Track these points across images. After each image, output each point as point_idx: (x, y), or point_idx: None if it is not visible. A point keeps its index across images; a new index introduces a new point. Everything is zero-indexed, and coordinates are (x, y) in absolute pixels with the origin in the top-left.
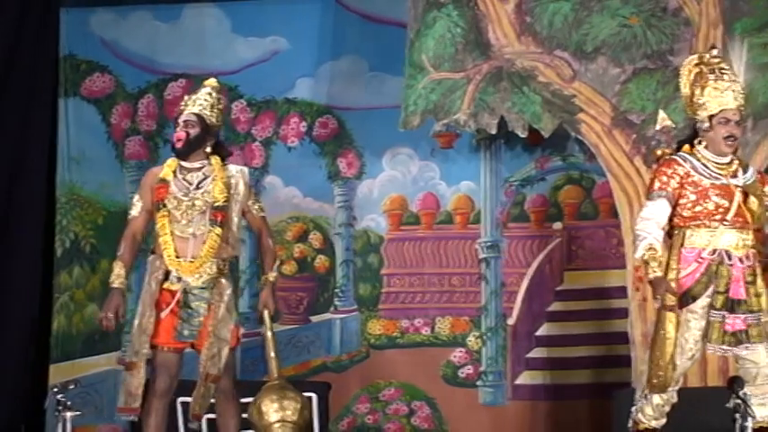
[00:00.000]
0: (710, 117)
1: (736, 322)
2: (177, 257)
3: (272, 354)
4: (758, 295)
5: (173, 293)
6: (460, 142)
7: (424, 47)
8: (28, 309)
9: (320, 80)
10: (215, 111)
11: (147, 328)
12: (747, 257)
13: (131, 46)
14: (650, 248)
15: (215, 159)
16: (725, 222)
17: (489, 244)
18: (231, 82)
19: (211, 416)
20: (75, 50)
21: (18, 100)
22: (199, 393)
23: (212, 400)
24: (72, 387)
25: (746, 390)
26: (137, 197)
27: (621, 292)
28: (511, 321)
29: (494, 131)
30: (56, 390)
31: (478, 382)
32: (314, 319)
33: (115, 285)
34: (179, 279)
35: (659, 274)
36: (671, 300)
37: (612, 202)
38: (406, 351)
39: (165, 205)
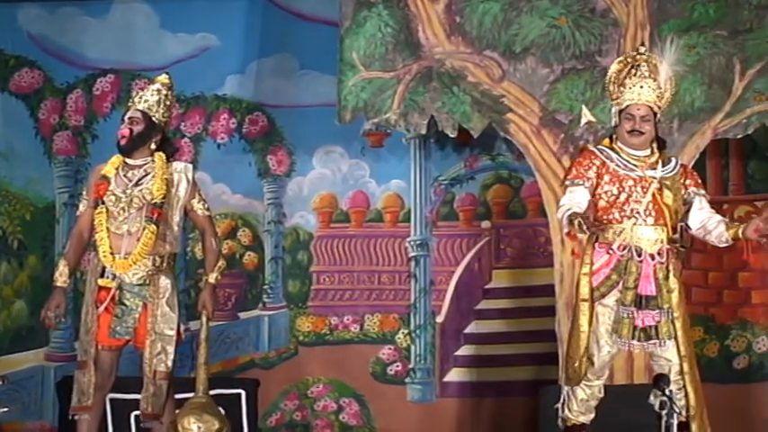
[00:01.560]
0: (620, 111)
1: (645, 318)
2: (112, 254)
3: (202, 360)
4: (670, 291)
5: (108, 290)
6: (391, 141)
7: (355, 45)
8: None
9: (250, 77)
10: (161, 107)
11: (92, 326)
12: (660, 254)
13: (60, 41)
14: (571, 212)
15: (159, 156)
16: (637, 215)
17: (419, 242)
18: None
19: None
20: (3, 45)
21: None
22: (149, 392)
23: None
24: (0, 383)
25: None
26: (84, 193)
27: (549, 290)
28: (440, 319)
29: (424, 131)
30: None
31: (407, 379)
32: (242, 315)
33: (58, 284)
34: (114, 276)
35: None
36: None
37: (541, 201)
38: (335, 348)
39: (103, 202)
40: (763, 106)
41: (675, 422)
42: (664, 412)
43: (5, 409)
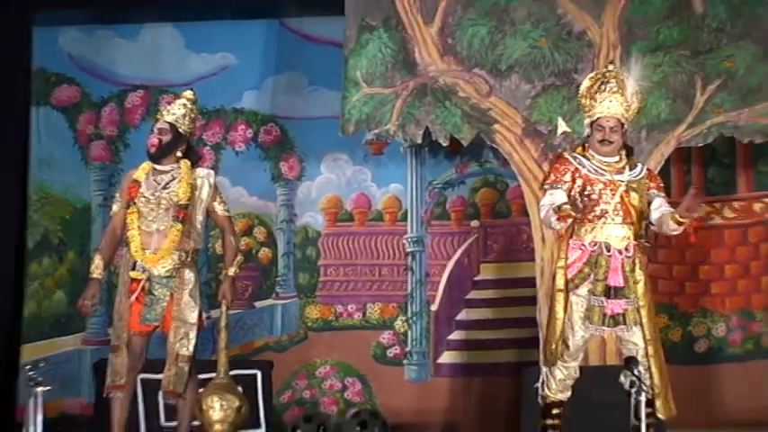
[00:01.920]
0: (591, 123)
1: (614, 307)
2: (142, 249)
3: (223, 344)
4: (636, 282)
5: (138, 282)
6: (390, 149)
7: (358, 65)
8: (5, 295)
9: (265, 92)
10: (187, 120)
11: (124, 314)
12: (627, 249)
13: (96, 60)
14: (555, 205)
15: (184, 163)
16: (606, 215)
17: (415, 239)
18: None
19: None
20: (46, 64)
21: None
22: (171, 372)
23: None
24: (42, 365)
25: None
26: (117, 196)
27: (531, 282)
28: (434, 307)
29: (419, 140)
30: (28, 367)
31: (405, 361)
32: (258, 304)
33: (93, 276)
34: (144, 269)
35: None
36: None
37: (523, 202)
38: (341, 333)
39: (134, 203)
40: (721, 118)
41: (644, 399)
42: (633, 390)
43: (48, 388)
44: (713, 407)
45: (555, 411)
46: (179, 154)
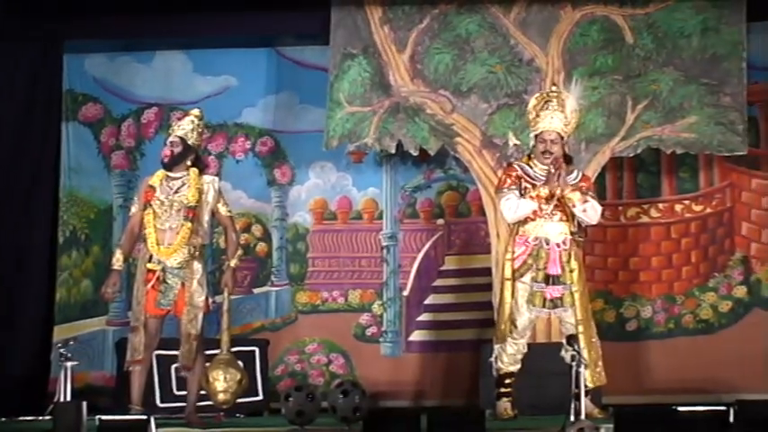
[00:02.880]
0: (536, 136)
1: (552, 292)
2: (157, 245)
3: (225, 326)
4: (571, 271)
5: (154, 272)
6: (368, 158)
7: (341, 87)
8: (39, 283)
9: (261, 109)
10: (195, 134)
11: (142, 300)
12: (564, 243)
13: (116, 82)
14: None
15: (193, 171)
16: (546, 214)
17: (389, 235)
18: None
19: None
20: (74, 86)
21: (36, 124)
22: (185, 349)
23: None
24: (71, 343)
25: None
26: (136, 199)
27: (487, 271)
28: (405, 293)
29: (393, 151)
30: (59, 345)
31: (381, 339)
32: (255, 290)
33: (114, 267)
34: (159, 261)
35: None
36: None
37: (481, 204)
38: (326, 315)
39: (150, 205)
40: (648, 132)
41: (583, 371)
42: (574, 363)
43: (76, 363)
44: (641, 377)
45: (507, 381)
46: (188, 163)
